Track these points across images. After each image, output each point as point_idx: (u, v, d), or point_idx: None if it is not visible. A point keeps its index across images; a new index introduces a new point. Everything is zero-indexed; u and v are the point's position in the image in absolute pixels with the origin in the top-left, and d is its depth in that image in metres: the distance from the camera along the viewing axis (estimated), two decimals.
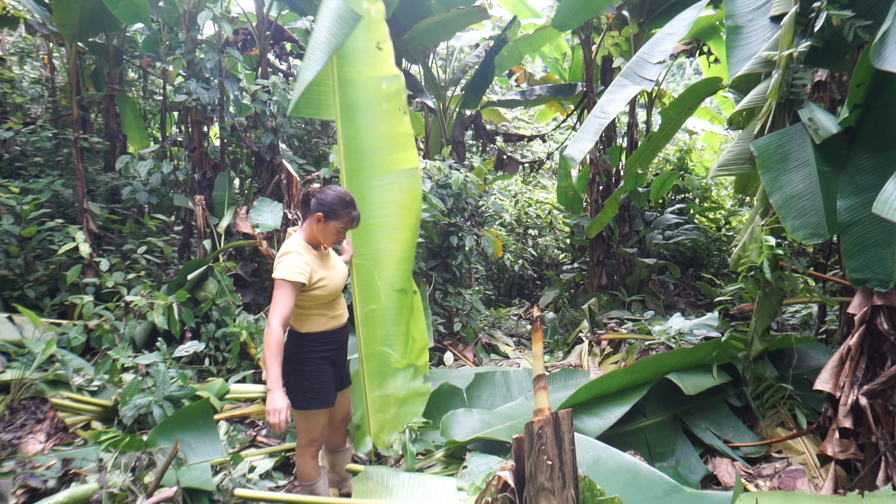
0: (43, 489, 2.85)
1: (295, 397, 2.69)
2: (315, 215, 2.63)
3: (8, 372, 3.57)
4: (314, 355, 2.72)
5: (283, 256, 2.59)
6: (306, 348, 2.72)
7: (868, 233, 2.86)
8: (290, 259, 2.57)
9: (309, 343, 2.73)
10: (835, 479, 2.89)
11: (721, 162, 3.53)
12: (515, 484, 1.98)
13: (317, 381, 2.71)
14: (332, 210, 2.63)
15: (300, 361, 2.70)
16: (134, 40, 7.13)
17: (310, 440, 2.78)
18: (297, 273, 2.54)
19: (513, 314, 7.82)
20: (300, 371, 2.70)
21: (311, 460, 2.80)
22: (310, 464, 2.80)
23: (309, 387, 2.70)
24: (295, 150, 6.88)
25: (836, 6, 2.90)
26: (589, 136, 3.90)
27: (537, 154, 11.06)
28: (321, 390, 2.72)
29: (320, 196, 2.66)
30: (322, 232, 2.66)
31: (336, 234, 2.69)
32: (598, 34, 6.68)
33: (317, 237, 2.69)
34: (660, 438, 3.39)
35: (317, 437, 2.79)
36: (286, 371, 2.64)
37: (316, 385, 2.71)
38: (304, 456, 2.80)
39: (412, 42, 6.87)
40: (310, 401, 2.70)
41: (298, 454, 2.82)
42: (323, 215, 2.63)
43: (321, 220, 2.63)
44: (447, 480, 2.95)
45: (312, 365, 2.71)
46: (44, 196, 5.33)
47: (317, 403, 2.71)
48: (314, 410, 2.72)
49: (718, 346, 3.67)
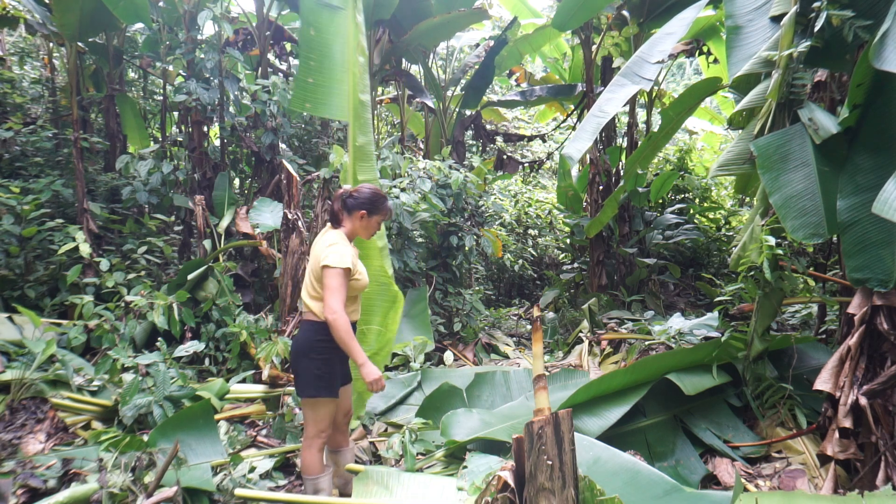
0: (43, 489, 2.84)
1: (304, 386, 2.80)
2: (358, 213, 2.86)
3: (8, 372, 3.57)
4: (328, 345, 2.80)
5: (331, 247, 2.75)
6: (322, 337, 2.80)
7: (868, 233, 2.86)
8: (338, 248, 2.75)
9: (324, 332, 2.80)
10: (835, 479, 2.89)
11: (721, 162, 3.53)
12: (515, 484, 1.98)
13: (327, 370, 2.81)
14: (374, 205, 2.88)
15: (314, 350, 2.80)
16: (134, 40, 7.13)
17: (318, 431, 2.83)
18: (346, 260, 2.73)
19: (513, 314, 7.82)
20: (313, 359, 2.80)
21: (317, 453, 2.85)
22: (316, 457, 2.84)
23: (319, 375, 2.79)
24: (295, 150, 6.88)
25: (836, 6, 2.90)
26: (587, 136, 3.91)
27: (537, 154, 11.06)
28: (330, 379, 2.81)
29: (357, 195, 2.88)
30: (366, 227, 2.91)
31: (377, 227, 2.96)
32: (598, 34, 6.69)
33: (358, 233, 2.93)
34: (660, 438, 3.39)
35: (324, 428, 2.84)
36: (297, 360, 2.81)
37: (325, 374, 2.80)
38: (310, 448, 2.84)
39: (412, 42, 6.88)
40: (319, 389, 2.79)
41: (305, 447, 2.86)
42: (366, 211, 2.86)
43: (365, 216, 2.87)
44: (447, 480, 2.95)
45: (325, 354, 2.80)
46: (44, 196, 5.33)
47: (325, 392, 2.80)
48: (323, 399, 2.80)
49: (718, 346, 3.67)
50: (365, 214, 2.86)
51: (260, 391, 4.24)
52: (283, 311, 4.73)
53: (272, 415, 4.02)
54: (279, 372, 4.26)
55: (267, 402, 4.18)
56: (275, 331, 4.67)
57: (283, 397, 4.08)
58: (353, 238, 2.94)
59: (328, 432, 2.88)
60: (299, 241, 4.49)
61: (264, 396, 4.20)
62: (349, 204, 2.88)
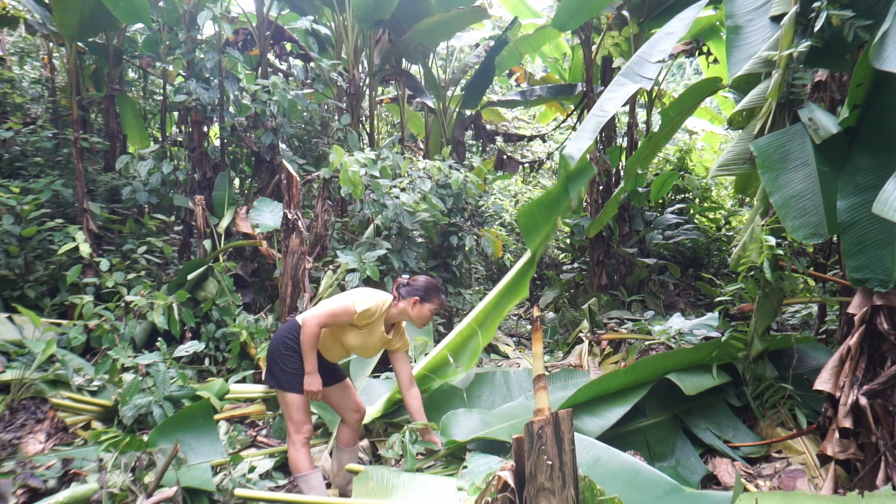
0: (43, 489, 2.84)
1: (276, 378, 2.97)
2: (411, 299, 3.04)
3: (8, 372, 3.57)
4: (299, 350, 2.95)
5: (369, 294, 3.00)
6: (294, 336, 2.95)
7: (868, 233, 2.85)
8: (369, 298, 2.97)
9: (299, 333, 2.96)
10: (835, 479, 2.88)
11: (721, 162, 3.53)
12: (515, 484, 1.98)
13: (293, 367, 2.94)
14: (428, 294, 3.06)
15: (284, 346, 2.95)
16: (134, 40, 7.12)
17: (295, 427, 2.94)
18: (362, 304, 2.91)
19: (513, 314, 7.82)
20: (283, 355, 2.95)
21: (301, 449, 2.94)
22: (300, 453, 2.93)
23: (286, 370, 2.93)
24: (295, 150, 6.88)
25: (836, 6, 2.90)
26: (587, 135, 3.90)
27: (537, 154, 11.06)
28: (297, 376, 2.93)
29: (414, 284, 3.09)
30: (418, 314, 3.06)
31: (430, 316, 3.10)
32: (598, 34, 6.68)
33: (400, 315, 3.07)
34: (660, 438, 3.38)
35: (300, 422, 2.94)
36: (271, 354, 2.99)
37: (293, 370, 2.94)
38: (293, 445, 2.95)
39: (412, 42, 6.87)
40: (283, 383, 2.94)
41: (289, 445, 2.96)
42: (419, 299, 3.04)
43: (417, 303, 3.04)
44: (447, 480, 2.95)
45: (295, 351, 2.94)
46: (44, 196, 5.32)
47: (291, 387, 2.93)
48: (292, 394, 2.92)
49: (718, 346, 3.66)
50: (418, 301, 3.03)
51: (260, 391, 4.24)
52: (283, 311, 4.73)
53: (272, 415, 4.02)
54: None
55: (267, 402, 4.18)
56: (275, 331, 4.67)
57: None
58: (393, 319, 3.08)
59: (308, 428, 2.97)
60: (299, 241, 4.48)
61: (264, 396, 4.20)
62: (403, 291, 3.07)
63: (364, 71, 7.12)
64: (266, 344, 4.11)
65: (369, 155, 5.01)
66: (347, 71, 6.64)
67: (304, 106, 6.23)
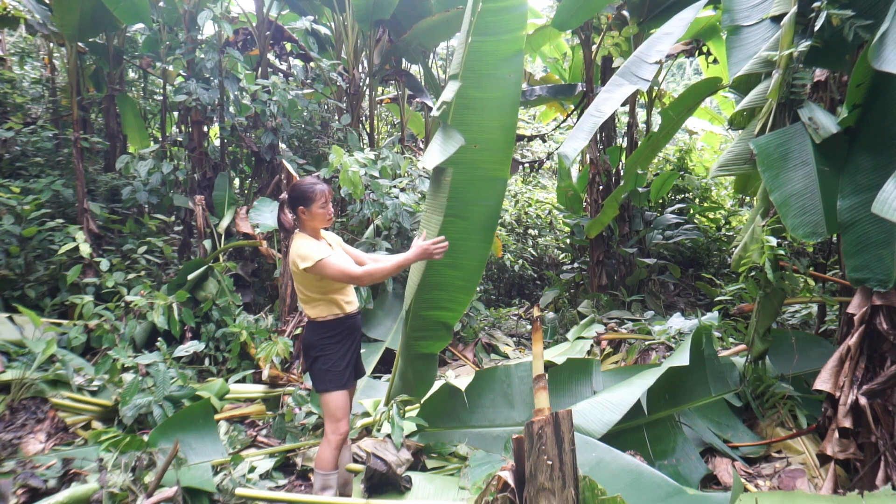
0: (43, 489, 2.85)
1: (315, 381, 2.90)
2: (297, 211, 2.85)
3: (8, 372, 3.57)
4: (329, 341, 2.89)
5: (299, 252, 2.77)
6: (322, 335, 2.89)
7: (868, 233, 2.86)
8: (305, 246, 2.78)
9: (324, 330, 2.89)
10: (834, 478, 2.88)
11: (721, 162, 3.53)
12: (515, 484, 1.98)
13: (332, 364, 2.87)
14: (304, 196, 2.82)
15: (317, 349, 2.88)
16: (134, 40, 7.12)
17: (334, 427, 2.86)
18: (318, 252, 2.74)
19: (513, 314, 7.82)
20: (317, 357, 2.89)
21: (333, 450, 2.86)
22: (332, 454, 2.86)
23: (326, 370, 2.86)
24: (295, 150, 6.87)
25: (836, 6, 2.90)
26: (583, 135, 3.89)
27: (537, 154, 11.05)
28: (336, 371, 2.87)
29: (287, 195, 2.91)
30: (312, 218, 2.85)
31: (324, 213, 2.86)
32: (598, 34, 6.68)
33: (313, 226, 2.88)
34: (660, 437, 3.38)
35: (340, 419, 2.86)
36: (306, 359, 2.92)
37: (332, 367, 2.86)
38: (328, 444, 2.87)
39: (412, 42, 6.87)
40: (327, 383, 2.86)
41: (323, 441, 2.89)
42: (303, 206, 2.83)
43: (304, 210, 2.83)
44: (448, 480, 2.95)
45: (328, 350, 2.88)
46: (44, 196, 5.33)
47: (333, 385, 2.85)
48: (333, 393, 2.85)
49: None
50: (304, 209, 2.83)
51: (260, 391, 4.24)
52: (283, 311, 4.74)
53: (272, 415, 4.02)
54: (279, 372, 4.26)
55: (267, 402, 4.18)
56: (275, 331, 4.67)
57: (283, 397, 4.08)
58: (315, 232, 2.90)
59: (346, 430, 2.89)
60: None
61: (264, 396, 4.21)
62: (290, 214, 2.92)
63: (364, 71, 7.11)
64: (266, 344, 4.11)
65: (369, 155, 5.01)
66: (347, 71, 6.64)
67: (304, 106, 6.23)
